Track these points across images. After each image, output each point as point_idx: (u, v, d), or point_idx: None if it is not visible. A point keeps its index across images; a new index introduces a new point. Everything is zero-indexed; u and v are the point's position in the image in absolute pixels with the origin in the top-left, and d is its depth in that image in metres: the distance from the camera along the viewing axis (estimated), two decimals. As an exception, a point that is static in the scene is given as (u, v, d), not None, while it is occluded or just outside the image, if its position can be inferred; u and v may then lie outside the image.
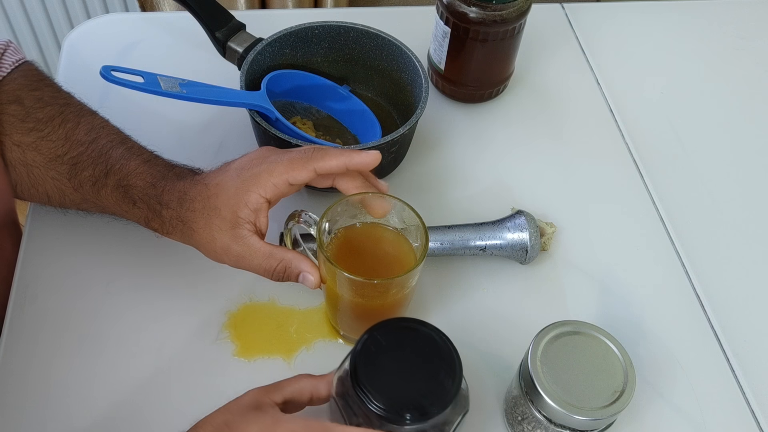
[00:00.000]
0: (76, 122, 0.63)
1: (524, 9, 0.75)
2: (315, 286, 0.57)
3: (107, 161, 0.61)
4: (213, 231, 0.57)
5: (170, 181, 0.60)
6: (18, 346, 0.61)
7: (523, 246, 0.66)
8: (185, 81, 0.65)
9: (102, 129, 0.64)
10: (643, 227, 0.74)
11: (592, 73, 0.89)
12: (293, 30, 0.75)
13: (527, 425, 0.56)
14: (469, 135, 0.81)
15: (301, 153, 0.57)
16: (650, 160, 0.80)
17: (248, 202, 0.56)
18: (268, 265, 0.57)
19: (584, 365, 0.53)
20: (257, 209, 0.57)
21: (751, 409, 0.62)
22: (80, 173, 0.62)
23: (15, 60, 0.66)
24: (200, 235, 0.58)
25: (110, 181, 0.61)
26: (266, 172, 0.56)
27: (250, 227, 0.57)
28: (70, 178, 0.62)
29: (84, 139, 0.62)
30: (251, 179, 0.56)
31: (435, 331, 0.49)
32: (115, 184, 0.61)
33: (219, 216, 0.57)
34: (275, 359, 0.62)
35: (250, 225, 0.57)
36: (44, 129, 0.62)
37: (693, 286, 0.70)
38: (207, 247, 0.58)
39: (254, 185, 0.56)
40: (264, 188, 0.56)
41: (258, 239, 0.57)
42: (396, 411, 0.45)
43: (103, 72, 0.62)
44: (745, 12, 0.99)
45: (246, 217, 0.56)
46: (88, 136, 0.63)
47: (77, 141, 0.62)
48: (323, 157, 0.57)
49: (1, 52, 0.65)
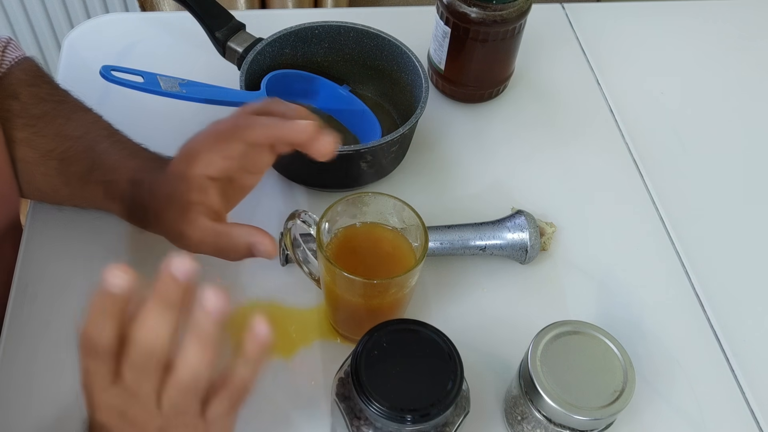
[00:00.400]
0: (68, 118, 0.63)
1: (524, 9, 0.75)
2: (271, 254, 0.54)
3: (92, 156, 0.61)
4: (172, 218, 0.55)
5: (148, 174, 0.59)
6: (18, 346, 0.61)
7: (523, 246, 0.66)
8: (185, 81, 0.65)
9: (93, 124, 0.64)
10: (643, 227, 0.74)
11: (592, 73, 0.89)
12: (293, 30, 0.75)
13: (527, 425, 0.56)
14: (469, 135, 0.81)
15: (229, 123, 0.54)
16: (650, 160, 0.80)
17: (191, 183, 0.53)
18: (217, 244, 0.54)
19: (584, 365, 0.53)
20: (202, 188, 0.54)
21: (750, 409, 0.62)
22: (68, 168, 0.62)
23: (15, 56, 0.66)
24: (165, 225, 0.56)
25: (93, 177, 0.61)
26: (197, 149, 0.54)
27: (200, 209, 0.54)
28: (59, 173, 0.62)
29: (73, 135, 0.62)
30: (188, 159, 0.54)
31: (436, 333, 0.49)
32: (98, 179, 0.61)
33: (174, 202, 0.55)
34: (275, 359, 0.62)
35: (200, 206, 0.54)
36: (38, 125, 0.62)
37: (693, 286, 0.70)
38: (173, 236, 0.56)
39: (192, 165, 0.54)
40: (200, 166, 0.53)
41: (207, 220, 0.54)
42: (397, 412, 0.45)
43: (102, 72, 0.62)
44: (745, 12, 0.99)
45: (194, 198, 0.54)
46: (77, 131, 0.62)
47: (67, 136, 0.62)
48: (250, 126, 0.53)
49: (2, 49, 0.65)
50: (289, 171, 0.72)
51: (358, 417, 0.48)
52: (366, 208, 0.60)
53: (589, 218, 0.74)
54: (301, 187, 0.73)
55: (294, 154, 0.68)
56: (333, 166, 0.69)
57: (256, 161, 0.56)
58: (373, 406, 0.46)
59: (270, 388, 0.60)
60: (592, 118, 0.84)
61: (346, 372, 0.49)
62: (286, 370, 0.61)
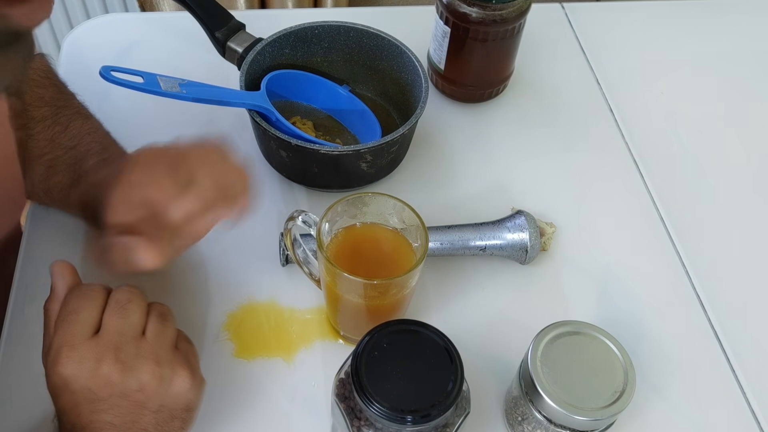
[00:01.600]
0: (65, 125, 0.63)
1: (524, 9, 0.75)
2: (152, 264, 0.52)
3: (77, 171, 0.61)
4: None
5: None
6: (18, 346, 0.61)
7: (523, 246, 0.66)
8: (185, 81, 0.65)
9: (88, 135, 0.63)
10: (643, 227, 0.74)
11: (592, 73, 0.89)
12: (293, 30, 0.74)
13: (527, 425, 0.56)
14: (468, 135, 0.81)
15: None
16: (650, 159, 0.80)
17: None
18: (101, 258, 0.54)
19: (584, 365, 0.53)
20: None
21: (751, 409, 0.62)
22: (52, 177, 0.61)
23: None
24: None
25: (73, 191, 0.61)
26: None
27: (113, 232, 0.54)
28: (42, 180, 0.62)
29: (66, 144, 0.62)
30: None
31: (436, 333, 0.49)
32: (76, 194, 0.60)
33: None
34: (275, 359, 0.62)
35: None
36: (35, 128, 0.62)
37: (693, 286, 0.70)
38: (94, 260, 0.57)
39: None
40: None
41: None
42: (397, 413, 0.45)
43: (102, 72, 0.62)
44: (745, 12, 0.99)
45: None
46: (71, 141, 0.62)
47: (59, 145, 0.62)
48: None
49: None
50: (289, 171, 0.72)
51: (359, 417, 0.48)
52: (366, 208, 0.60)
53: (589, 218, 0.74)
54: (301, 187, 0.73)
55: (294, 155, 0.68)
56: (333, 166, 0.69)
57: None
58: (373, 407, 0.46)
59: (270, 388, 0.60)
60: (592, 118, 0.84)
61: (346, 372, 0.49)
62: (287, 370, 0.61)
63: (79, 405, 0.47)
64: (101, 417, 0.47)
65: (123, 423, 0.47)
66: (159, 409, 0.48)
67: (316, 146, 0.66)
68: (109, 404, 0.47)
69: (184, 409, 0.50)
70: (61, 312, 0.50)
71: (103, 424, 0.47)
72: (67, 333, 0.48)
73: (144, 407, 0.48)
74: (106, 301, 0.50)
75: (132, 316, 0.49)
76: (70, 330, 0.48)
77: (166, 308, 0.53)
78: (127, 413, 0.47)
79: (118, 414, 0.47)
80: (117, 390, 0.47)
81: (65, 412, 0.47)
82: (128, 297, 0.50)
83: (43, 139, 0.62)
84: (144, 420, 0.48)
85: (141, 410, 0.48)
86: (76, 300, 0.50)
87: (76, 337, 0.48)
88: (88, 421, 0.47)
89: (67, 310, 0.49)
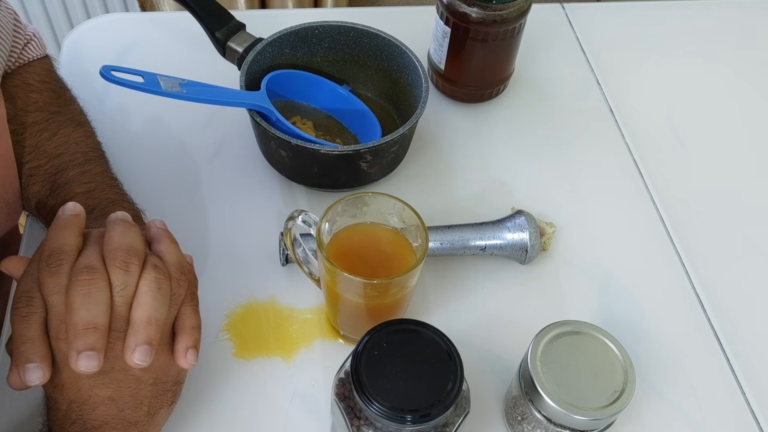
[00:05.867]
0: (54, 132, 0.62)
1: (524, 9, 0.75)
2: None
3: (56, 182, 0.60)
4: None
5: (89, 221, 0.56)
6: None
7: (523, 246, 0.66)
8: (185, 81, 0.65)
9: (74, 145, 0.62)
10: (643, 227, 0.74)
11: (592, 73, 0.89)
12: (293, 30, 0.75)
13: (527, 425, 0.56)
14: (469, 135, 0.81)
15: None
16: (650, 159, 0.80)
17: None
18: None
19: (584, 365, 0.53)
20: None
21: (751, 409, 0.62)
22: (31, 186, 0.61)
23: (33, 56, 0.65)
24: None
25: (48, 201, 0.60)
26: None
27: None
28: (23, 188, 0.61)
29: (51, 153, 0.61)
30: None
31: (436, 333, 0.49)
32: (51, 206, 0.59)
33: None
34: (275, 359, 0.62)
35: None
36: (23, 134, 0.61)
37: (693, 286, 0.70)
38: None
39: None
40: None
41: None
42: (397, 412, 0.45)
43: (103, 72, 0.62)
44: (745, 12, 0.99)
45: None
46: (56, 150, 0.61)
47: (44, 153, 0.61)
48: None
49: (24, 44, 0.64)
50: (289, 171, 0.72)
51: (358, 417, 0.48)
52: (366, 208, 0.60)
53: (589, 218, 0.74)
54: (301, 187, 0.73)
55: (294, 155, 0.68)
56: (333, 166, 0.69)
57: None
58: (373, 407, 0.46)
59: (270, 388, 0.60)
60: (592, 118, 0.84)
61: (346, 372, 0.49)
62: (286, 369, 0.61)
63: (79, 379, 0.47)
64: (101, 392, 0.47)
65: (121, 397, 0.48)
66: (155, 381, 0.49)
67: (316, 146, 0.66)
68: (109, 378, 0.47)
69: (174, 382, 0.51)
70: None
71: (102, 399, 0.47)
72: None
73: (141, 381, 0.48)
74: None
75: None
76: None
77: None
78: (126, 387, 0.48)
79: (117, 388, 0.47)
80: (119, 364, 0.47)
81: (64, 387, 0.47)
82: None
83: (28, 145, 0.61)
84: (141, 393, 0.49)
85: (139, 384, 0.48)
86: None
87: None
88: (87, 396, 0.47)
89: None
